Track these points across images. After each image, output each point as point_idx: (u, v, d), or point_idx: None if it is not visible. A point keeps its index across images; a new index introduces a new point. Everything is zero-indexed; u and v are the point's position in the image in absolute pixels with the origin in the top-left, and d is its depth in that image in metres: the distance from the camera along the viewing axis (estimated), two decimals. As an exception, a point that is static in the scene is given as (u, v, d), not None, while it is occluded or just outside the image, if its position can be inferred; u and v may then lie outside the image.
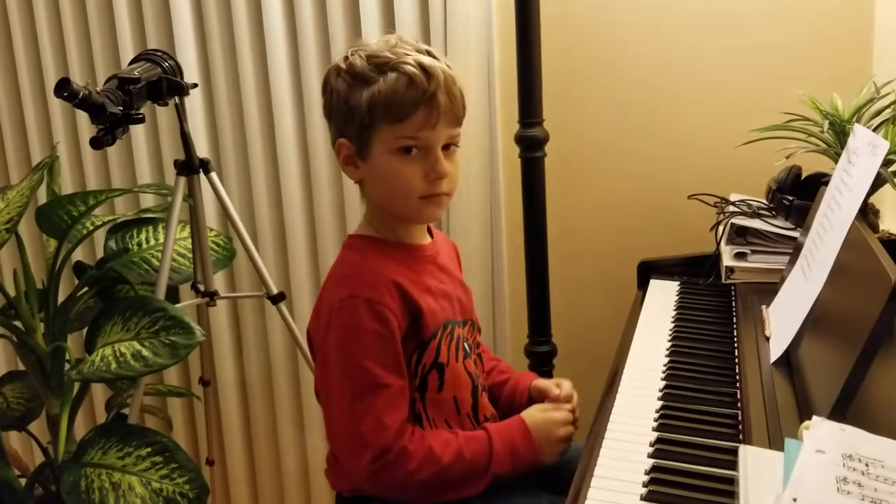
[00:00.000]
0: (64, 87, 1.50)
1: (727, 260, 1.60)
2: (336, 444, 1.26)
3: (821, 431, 0.81)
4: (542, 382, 1.39)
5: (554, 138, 1.86)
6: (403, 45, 1.21)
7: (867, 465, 0.77)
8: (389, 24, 2.00)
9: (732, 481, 0.98)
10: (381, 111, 1.17)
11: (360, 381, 1.17)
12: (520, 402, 1.38)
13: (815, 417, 0.84)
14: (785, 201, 1.60)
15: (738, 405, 1.17)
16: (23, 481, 1.77)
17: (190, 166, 1.83)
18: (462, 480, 1.19)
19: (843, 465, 0.76)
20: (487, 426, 1.25)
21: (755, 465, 0.85)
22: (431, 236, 1.36)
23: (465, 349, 1.31)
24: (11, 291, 1.76)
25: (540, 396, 1.36)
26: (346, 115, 1.20)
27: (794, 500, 0.72)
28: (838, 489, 0.73)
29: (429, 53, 1.21)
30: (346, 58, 1.22)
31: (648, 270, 1.76)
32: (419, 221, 1.31)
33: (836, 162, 1.44)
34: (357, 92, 1.18)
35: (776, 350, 1.24)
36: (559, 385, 1.36)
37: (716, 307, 1.56)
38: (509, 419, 1.27)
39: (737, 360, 1.32)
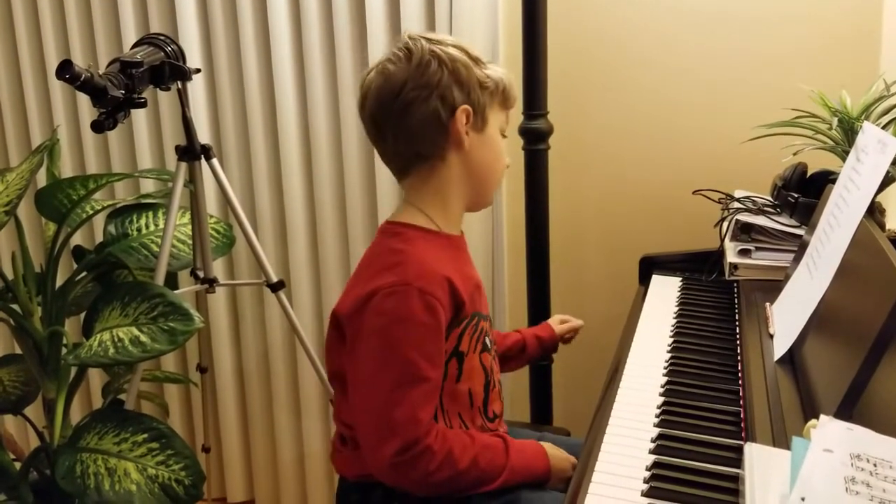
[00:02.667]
0: (66, 70, 1.49)
1: (731, 256, 1.59)
2: (362, 428, 1.23)
3: (829, 430, 0.80)
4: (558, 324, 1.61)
5: (558, 131, 1.85)
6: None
7: (875, 465, 0.76)
8: (395, 13, 1.99)
9: (734, 478, 0.97)
10: (500, 95, 1.28)
11: (401, 370, 1.16)
12: (550, 343, 1.59)
13: (822, 416, 0.83)
14: (790, 198, 1.59)
15: (741, 402, 1.17)
16: (17, 465, 1.77)
17: (191, 152, 1.81)
18: (472, 486, 1.20)
19: (852, 465, 0.75)
20: (506, 438, 1.26)
21: (761, 463, 0.84)
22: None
23: (485, 343, 1.31)
24: (9, 274, 1.75)
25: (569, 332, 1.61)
26: (474, 84, 1.24)
27: (803, 499, 0.71)
28: (847, 489, 0.72)
29: None
30: (440, 39, 1.26)
31: (650, 266, 1.75)
32: (487, 204, 1.37)
33: (843, 160, 1.43)
34: (480, 70, 1.25)
35: (780, 348, 1.23)
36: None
37: (719, 304, 1.55)
38: (530, 441, 1.28)
39: (739, 358, 1.31)
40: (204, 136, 2.16)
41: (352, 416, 1.25)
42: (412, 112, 1.22)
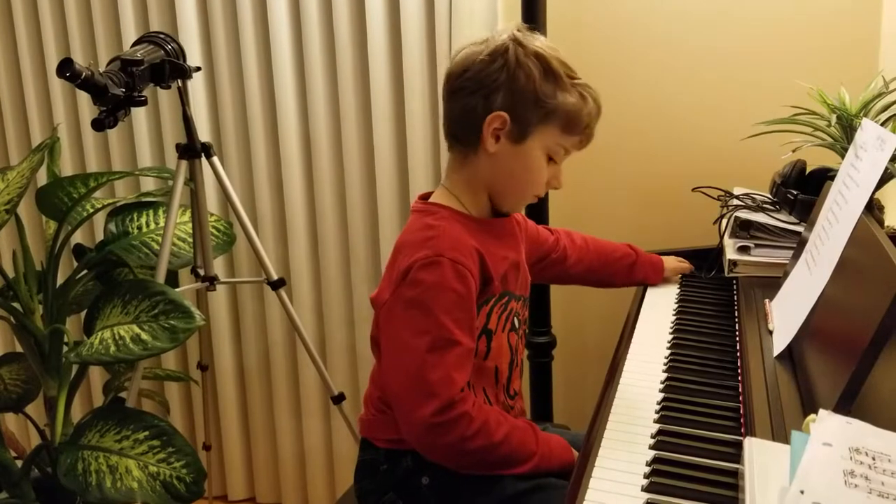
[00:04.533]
0: (66, 68, 1.49)
1: (730, 253, 1.60)
2: (398, 392, 1.23)
3: (828, 424, 0.81)
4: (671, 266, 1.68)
5: (558, 128, 1.85)
6: (562, 54, 1.29)
7: (874, 458, 0.76)
8: (394, 13, 1.99)
9: (733, 474, 0.98)
10: (565, 119, 1.26)
11: (436, 334, 1.19)
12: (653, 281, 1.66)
13: (821, 411, 0.84)
14: (789, 195, 1.60)
15: (740, 398, 1.17)
16: (19, 463, 1.77)
17: (192, 150, 1.82)
18: (502, 462, 1.21)
19: (851, 459, 0.76)
20: (534, 426, 1.28)
21: (761, 457, 0.84)
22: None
23: (513, 322, 1.35)
24: (10, 273, 1.75)
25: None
26: (528, 99, 1.24)
27: (802, 492, 0.71)
28: (846, 482, 0.73)
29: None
30: (526, 37, 1.26)
31: (650, 263, 1.75)
32: (511, 211, 1.38)
33: (842, 156, 1.43)
34: (549, 87, 1.24)
35: (780, 344, 1.24)
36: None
37: (718, 300, 1.56)
38: (552, 434, 1.30)
39: (739, 354, 1.31)
40: (204, 134, 2.17)
41: (385, 382, 1.28)
42: (460, 98, 1.27)
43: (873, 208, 1.50)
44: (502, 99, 1.24)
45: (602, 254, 1.64)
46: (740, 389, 1.20)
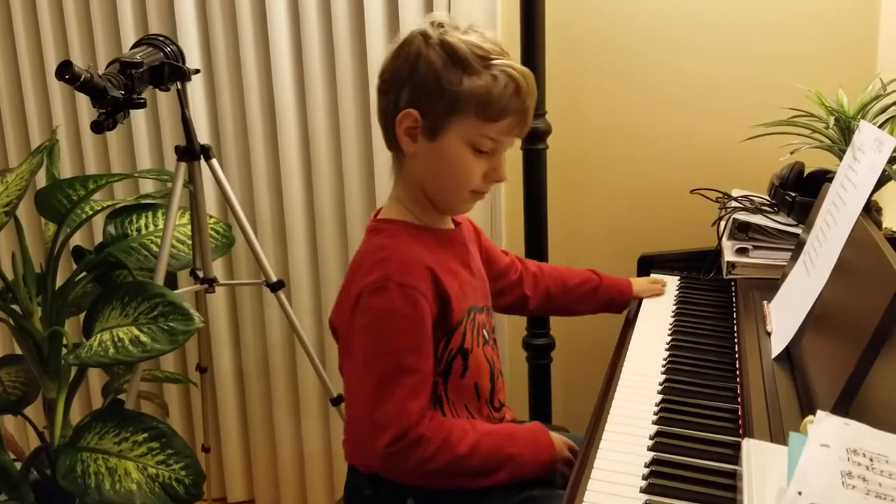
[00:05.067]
0: (66, 70, 1.49)
1: (729, 255, 1.60)
2: (356, 422, 1.23)
3: (825, 426, 0.81)
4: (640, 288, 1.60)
5: (556, 131, 1.85)
6: (489, 38, 1.20)
7: (872, 459, 0.77)
8: (393, 13, 1.99)
9: (731, 475, 0.98)
10: (477, 105, 1.17)
11: (387, 364, 1.16)
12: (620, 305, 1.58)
13: (819, 412, 0.84)
14: (787, 197, 1.60)
15: (739, 400, 1.17)
16: (18, 465, 1.77)
17: (191, 152, 1.82)
18: (476, 473, 1.18)
19: (848, 460, 0.76)
20: (509, 426, 1.25)
21: (759, 458, 0.85)
22: (453, 223, 1.36)
23: (484, 335, 1.31)
24: (9, 275, 1.75)
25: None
26: (432, 90, 1.17)
27: (800, 493, 0.71)
28: (843, 483, 0.73)
29: (504, 50, 1.21)
30: (436, 30, 1.18)
31: (649, 264, 1.76)
32: (454, 212, 1.32)
33: (839, 158, 1.44)
34: (454, 74, 1.16)
35: (778, 345, 1.24)
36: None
37: (716, 302, 1.56)
38: (530, 425, 1.26)
39: (737, 355, 1.32)
40: (203, 136, 2.17)
41: (347, 408, 1.26)
42: (378, 101, 1.24)
43: (871, 210, 1.50)
44: (407, 95, 1.18)
45: (560, 279, 1.56)
46: (738, 391, 1.20)
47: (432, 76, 1.16)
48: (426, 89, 1.17)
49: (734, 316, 1.48)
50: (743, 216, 1.62)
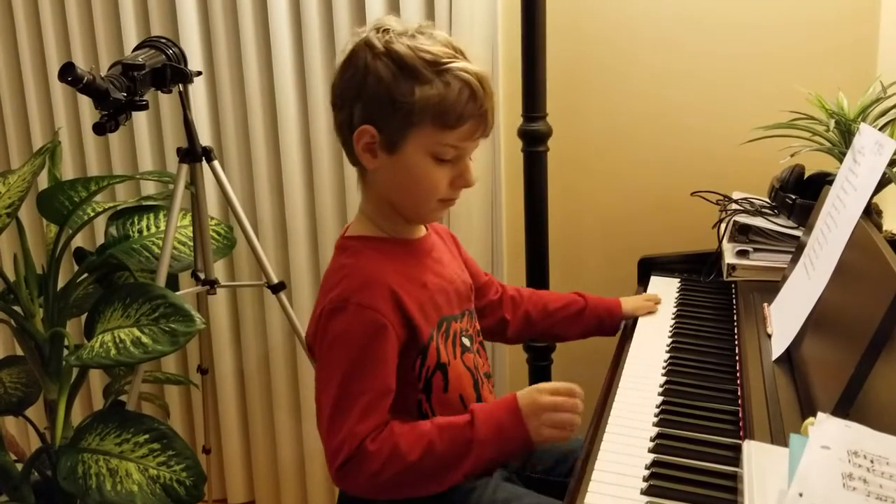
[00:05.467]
0: (68, 72, 1.50)
1: (729, 257, 1.60)
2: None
3: (826, 427, 0.81)
4: (631, 307, 1.53)
5: (557, 133, 1.86)
6: (439, 40, 1.16)
7: (872, 461, 0.77)
8: (395, 15, 1.99)
9: (732, 477, 0.98)
10: (433, 115, 1.13)
11: (341, 389, 1.13)
12: (610, 327, 1.51)
13: (819, 414, 0.84)
14: (788, 200, 1.60)
15: (739, 402, 1.18)
16: (19, 466, 1.77)
17: (192, 154, 1.82)
18: (438, 472, 1.12)
19: (849, 462, 0.76)
20: (473, 407, 1.16)
21: (760, 460, 0.85)
22: (426, 229, 1.32)
23: (463, 344, 1.28)
24: (11, 276, 1.75)
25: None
26: (385, 105, 1.13)
27: (801, 495, 0.72)
28: (844, 485, 0.73)
29: (457, 50, 1.17)
30: (382, 38, 1.14)
31: (649, 267, 1.76)
32: (424, 222, 1.29)
33: (840, 161, 1.44)
34: (405, 85, 1.12)
35: (778, 348, 1.24)
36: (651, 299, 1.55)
37: (717, 304, 1.56)
38: (502, 399, 1.18)
39: (738, 358, 1.32)
40: (205, 138, 2.17)
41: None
42: (334, 116, 1.20)
43: (871, 213, 1.50)
44: (361, 111, 1.14)
45: (540, 303, 1.51)
46: (739, 393, 1.20)
47: (383, 90, 1.12)
48: (379, 104, 1.13)
49: (734, 318, 1.48)
50: (743, 219, 1.62)
